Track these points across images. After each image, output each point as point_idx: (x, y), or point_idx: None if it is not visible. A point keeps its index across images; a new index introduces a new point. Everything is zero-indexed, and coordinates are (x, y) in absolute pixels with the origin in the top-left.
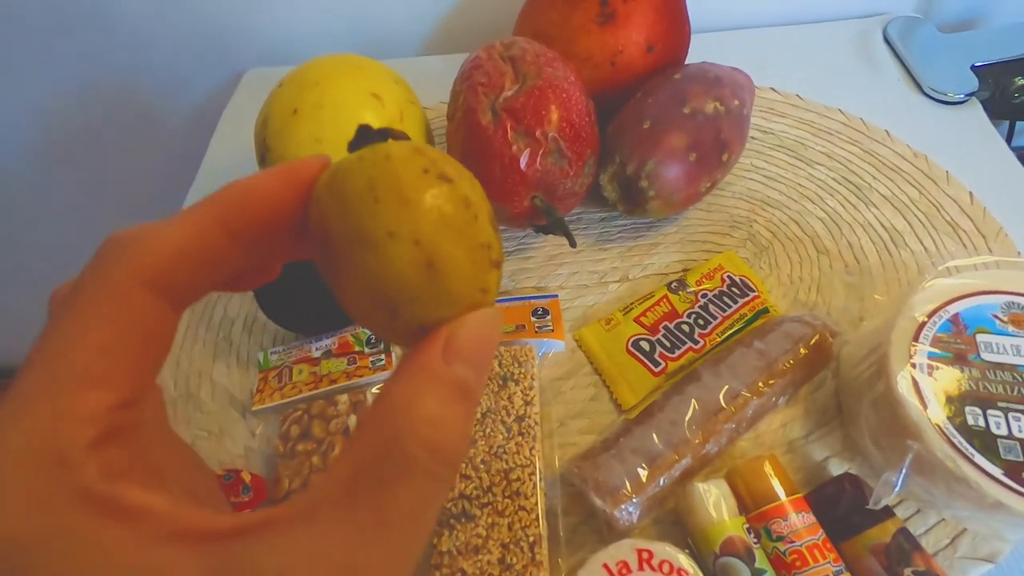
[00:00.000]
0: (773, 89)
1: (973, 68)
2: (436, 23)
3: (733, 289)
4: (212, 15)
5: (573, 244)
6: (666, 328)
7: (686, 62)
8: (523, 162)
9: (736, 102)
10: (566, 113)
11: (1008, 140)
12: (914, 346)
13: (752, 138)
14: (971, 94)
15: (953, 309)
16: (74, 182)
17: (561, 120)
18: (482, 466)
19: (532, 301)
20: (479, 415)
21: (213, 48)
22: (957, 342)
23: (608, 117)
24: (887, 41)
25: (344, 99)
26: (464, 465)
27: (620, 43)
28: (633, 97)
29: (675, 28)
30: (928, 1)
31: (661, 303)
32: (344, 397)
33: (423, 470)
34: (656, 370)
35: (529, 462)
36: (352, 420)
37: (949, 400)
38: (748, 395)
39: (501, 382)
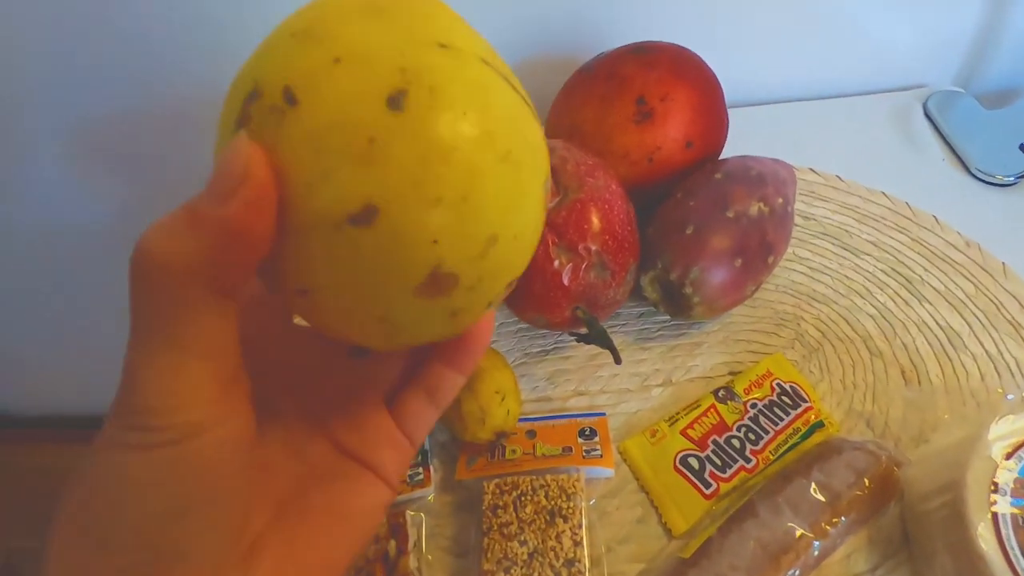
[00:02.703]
0: (812, 170)
1: (1021, 147)
2: None
3: (784, 398)
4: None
5: (618, 360)
6: (715, 443)
7: (724, 148)
8: (566, 277)
9: (780, 200)
10: (608, 225)
11: None
12: (994, 492)
13: (795, 225)
14: (1021, 176)
15: None
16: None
17: (604, 232)
18: None
19: (579, 420)
20: (526, 556)
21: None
22: None
23: (645, 211)
24: (928, 117)
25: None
26: None
27: (658, 141)
28: (673, 196)
29: (713, 123)
30: (968, 73)
31: (708, 414)
32: (383, 520)
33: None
34: (707, 492)
35: None
36: (392, 545)
37: None
38: (811, 536)
39: (548, 518)
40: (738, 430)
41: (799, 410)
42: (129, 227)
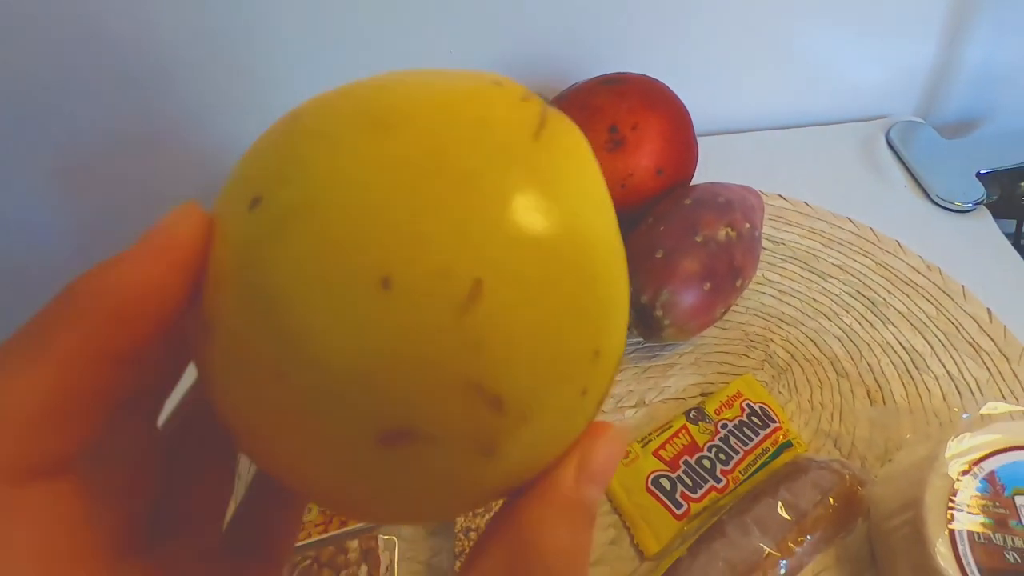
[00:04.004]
0: (781, 196)
1: (978, 175)
2: None
3: (753, 419)
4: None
5: None
6: (687, 463)
7: (696, 175)
8: None
9: (747, 225)
10: None
11: (1016, 236)
12: (951, 510)
13: (763, 249)
14: (979, 202)
15: (988, 466)
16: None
17: None
18: None
19: None
20: None
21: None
22: (996, 505)
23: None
24: (890, 146)
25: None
26: None
27: (630, 168)
28: (644, 222)
29: (683, 151)
30: (927, 105)
31: (680, 434)
32: (354, 543)
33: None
34: (679, 513)
35: None
36: (363, 571)
37: (994, 573)
38: (778, 555)
39: None
40: (709, 450)
41: (768, 430)
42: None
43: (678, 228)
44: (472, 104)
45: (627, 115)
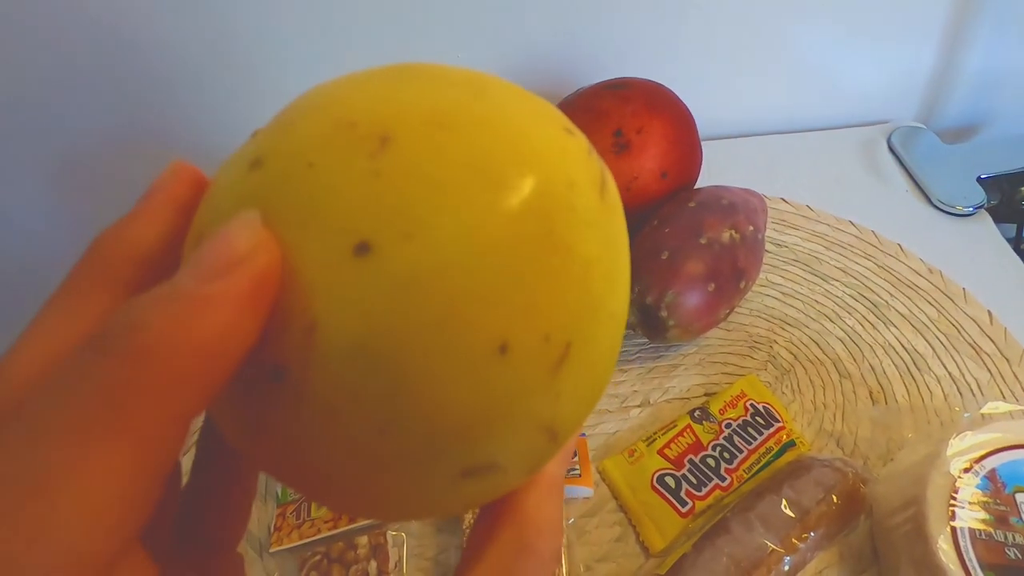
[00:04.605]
0: (784, 200)
1: (979, 180)
2: None
3: (757, 419)
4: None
5: None
6: (691, 462)
7: (700, 178)
8: None
9: (751, 228)
10: None
11: (1016, 240)
12: (952, 506)
13: (767, 251)
14: (979, 206)
15: (989, 464)
16: None
17: None
18: None
19: None
20: None
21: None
22: (997, 503)
23: None
24: (892, 151)
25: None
26: None
27: (635, 171)
28: (649, 223)
29: (687, 155)
30: (928, 110)
31: (685, 434)
32: (364, 539)
33: (547, 564)
34: (683, 510)
35: None
36: (372, 567)
37: (995, 569)
38: (782, 551)
39: None
40: (713, 449)
41: (771, 430)
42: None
43: (682, 230)
44: (563, 164)
45: (632, 119)
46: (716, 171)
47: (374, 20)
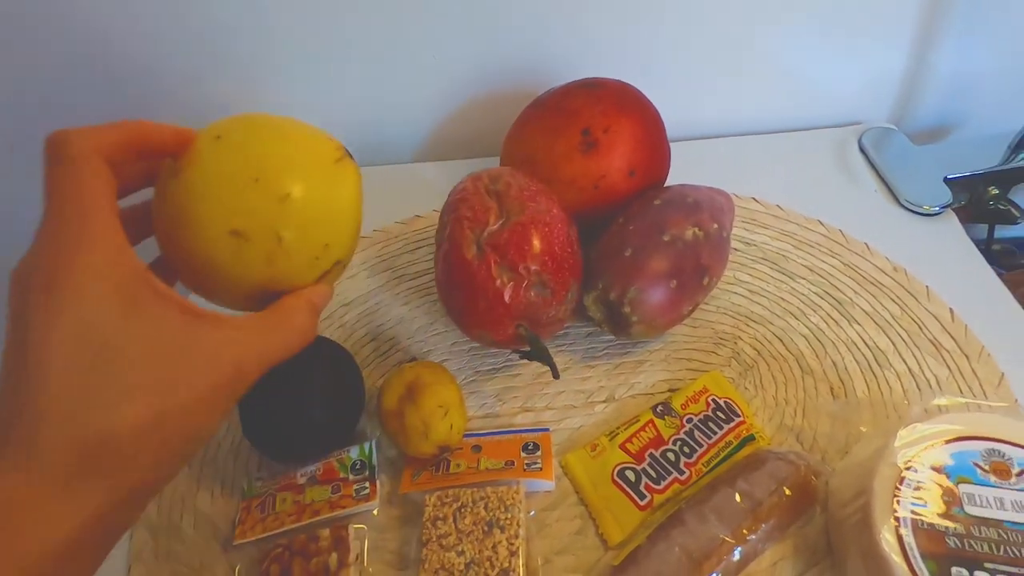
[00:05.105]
0: (755, 199)
1: (946, 180)
2: (431, 130)
3: (718, 413)
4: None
5: (556, 375)
6: (652, 456)
7: (668, 176)
8: (507, 295)
9: (715, 226)
10: (548, 246)
11: (987, 241)
12: (897, 497)
13: (735, 250)
14: (946, 206)
15: (934, 455)
16: None
17: (543, 254)
18: None
19: (523, 435)
20: (463, 566)
21: None
22: (941, 494)
23: (593, 234)
24: (862, 151)
25: (199, 255)
26: None
27: (603, 169)
28: (615, 221)
29: (655, 153)
30: (899, 112)
31: (647, 428)
32: (326, 532)
33: (298, 334)
34: (642, 503)
35: None
36: (333, 559)
37: (935, 558)
38: (732, 542)
39: (487, 528)
40: (674, 444)
41: (732, 424)
42: None
43: (646, 228)
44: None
45: (600, 118)
46: (689, 171)
47: (354, 20)
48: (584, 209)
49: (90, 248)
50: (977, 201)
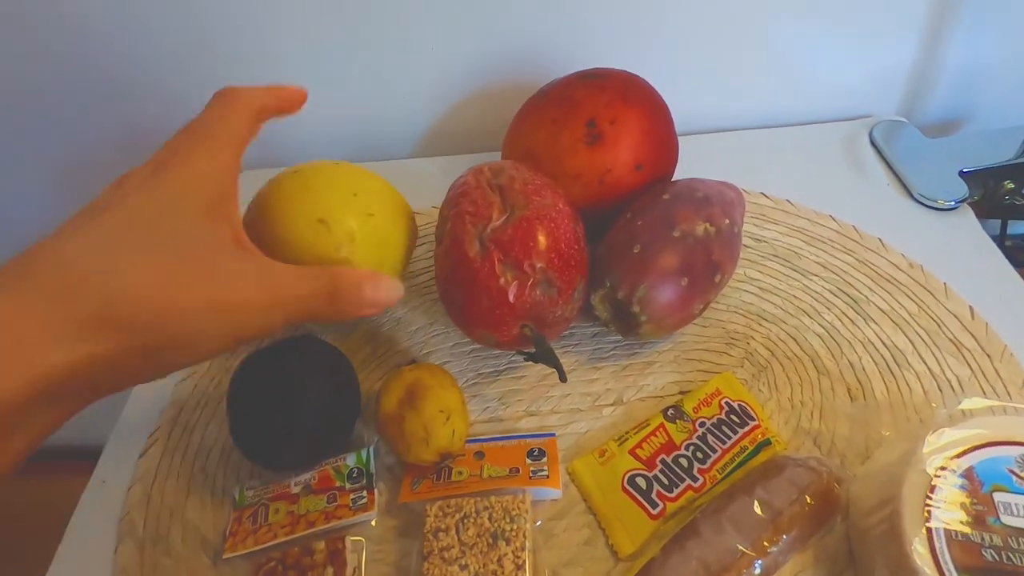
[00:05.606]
0: (764, 194)
1: (961, 174)
2: (430, 125)
3: (732, 417)
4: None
5: (563, 378)
6: (663, 462)
7: (676, 170)
8: (511, 295)
9: (726, 221)
10: (554, 243)
11: (1001, 237)
12: (928, 506)
13: (745, 246)
14: (961, 200)
15: (966, 462)
16: None
17: (549, 250)
18: None
19: (528, 440)
20: None
21: None
22: (974, 502)
23: (598, 231)
24: (873, 145)
25: (288, 231)
26: None
27: (608, 163)
28: (623, 216)
29: (662, 147)
30: (910, 105)
31: (657, 433)
32: (321, 545)
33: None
34: (654, 512)
35: None
36: (329, 573)
37: (971, 572)
38: (752, 555)
39: (491, 540)
40: (686, 449)
41: (747, 428)
42: None
43: (655, 223)
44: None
45: (606, 110)
46: (697, 165)
47: (355, 13)
48: (589, 205)
49: (211, 159)
50: (991, 196)
